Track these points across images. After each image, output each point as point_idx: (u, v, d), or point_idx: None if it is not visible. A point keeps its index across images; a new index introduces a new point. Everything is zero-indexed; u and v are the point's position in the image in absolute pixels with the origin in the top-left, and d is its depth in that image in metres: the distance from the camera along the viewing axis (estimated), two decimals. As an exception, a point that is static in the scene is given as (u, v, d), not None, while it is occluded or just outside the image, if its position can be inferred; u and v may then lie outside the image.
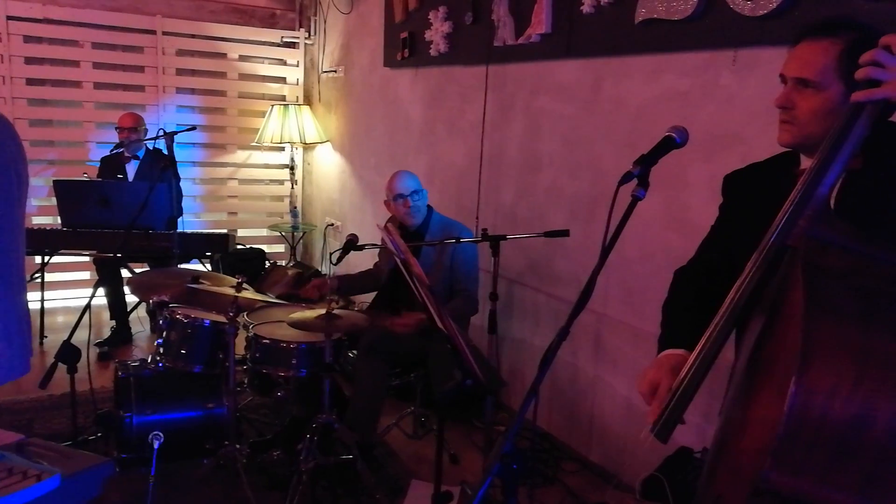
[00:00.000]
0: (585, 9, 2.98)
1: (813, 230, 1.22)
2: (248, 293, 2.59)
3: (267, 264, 5.61)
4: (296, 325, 2.55)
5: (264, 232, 6.10)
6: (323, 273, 5.68)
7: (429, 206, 3.23)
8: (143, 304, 4.64)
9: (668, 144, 1.39)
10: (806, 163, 1.48)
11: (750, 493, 1.09)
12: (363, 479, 2.71)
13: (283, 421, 3.22)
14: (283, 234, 5.92)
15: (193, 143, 5.61)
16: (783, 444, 1.03)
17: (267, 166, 6.06)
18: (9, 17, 4.90)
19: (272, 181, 6.15)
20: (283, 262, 5.93)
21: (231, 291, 2.57)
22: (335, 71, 5.56)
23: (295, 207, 5.95)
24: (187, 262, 4.45)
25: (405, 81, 4.62)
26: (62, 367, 2.56)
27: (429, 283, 1.74)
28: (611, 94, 3.01)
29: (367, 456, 2.87)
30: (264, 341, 2.75)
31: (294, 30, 5.95)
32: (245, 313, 2.92)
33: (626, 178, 1.31)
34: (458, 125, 4.10)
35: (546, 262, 3.40)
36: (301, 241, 6.13)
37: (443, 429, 2.17)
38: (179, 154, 4.95)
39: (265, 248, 5.89)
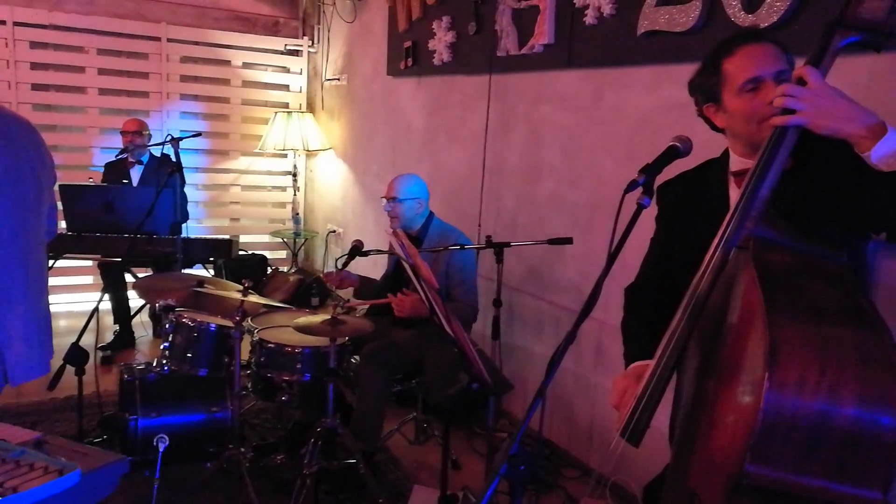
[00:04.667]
0: (588, 20, 3.03)
1: (758, 230, 1.29)
2: (254, 297, 2.62)
3: (269, 270, 5.64)
4: (301, 329, 2.57)
5: (266, 238, 6.13)
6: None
7: (430, 213, 3.26)
8: (146, 309, 4.67)
9: (673, 154, 1.43)
10: (738, 163, 1.54)
11: (728, 487, 1.14)
12: (366, 484, 2.73)
13: (286, 425, 3.25)
14: (285, 240, 5.95)
15: (196, 149, 5.65)
16: (760, 439, 1.09)
17: (269, 173, 6.10)
18: (15, 23, 4.94)
19: (274, 188, 6.19)
20: (285, 269, 5.95)
21: (237, 296, 2.60)
22: (338, 79, 5.61)
23: (297, 214, 5.98)
24: (190, 267, 4.47)
25: (408, 90, 4.67)
26: (68, 369, 2.59)
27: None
28: (612, 104, 3.06)
29: (370, 461, 2.89)
30: (269, 345, 2.78)
31: (297, 38, 6.00)
32: (250, 318, 2.95)
33: (631, 186, 1.35)
34: (459, 133, 4.14)
35: (547, 270, 3.43)
36: (303, 247, 6.16)
37: (448, 433, 2.20)
38: (183, 160, 4.99)
39: (267, 253, 5.92)
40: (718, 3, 2.46)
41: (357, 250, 2.76)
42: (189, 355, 2.72)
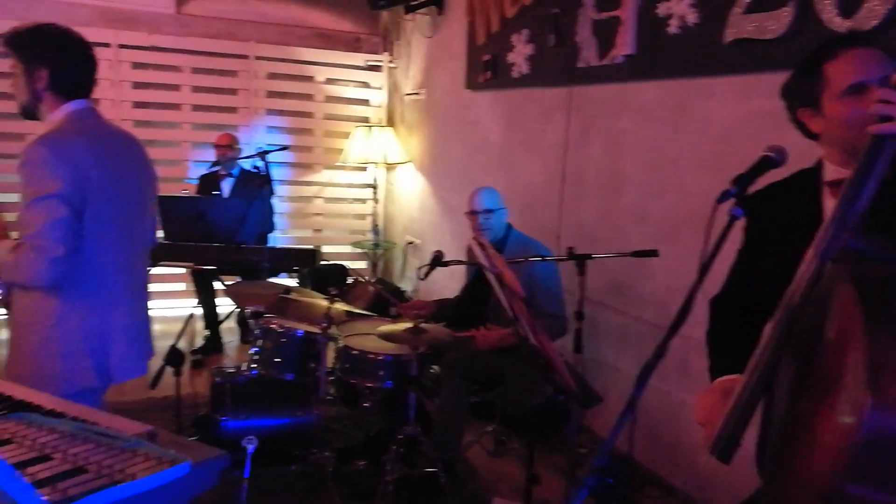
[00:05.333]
0: (671, 29, 2.99)
1: (855, 242, 1.24)
2: (341, 305, 2.70)
3: (349, 280, 5.78)
4: (384, 337, 2.63)
5: (347, 248, 6.29)
6: (403, 290, 5.81)
7: (508, 224, 3.27)
8: (234, 315, 4.87)
9: (767, 164, 1.40)
10: (834, 173, 1.48)
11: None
12: (445, 494, 2.76)
13: (366, 432, 3.31)
14: (365, 250, 6.08)
15: (282, 162, 5.87)
16: (859, 460, 1.06)
17: (350, 185, 6.27)
18: (120, 46, 5.28)
19: (355, 200, 6.35)
20: (365, 279, 6.09)
21: (324, 303, 2.68)
22: (417, 93, 5.71)
23: (376, 225, 6.11)
24: (275, 275, 4.64)
25: (485, 103, 4.71)
26: (167, 370, 2.73)
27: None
28: (696, 115, 3.00)
29: (450, 471, 2.91)
30: (353, 352, 2.86)
31: (378, 54, 6.16)
32: (334, 325, 3.04)
33: (723, 197, 1.33)
34: (537, 145, 4.14)
35: (629, 284, 3.38)
36: (382, 258, 6.28)
37: (533, 446, 2.20)
38: (266, 172, 5.20)
39: (347, 263, 6.07)
40: (812, 7, 2.38)
41: (438, 260, 2.80)
42: (277, 360, 2.83)
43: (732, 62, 2.73)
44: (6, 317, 2.10)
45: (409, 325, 2.68)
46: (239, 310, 4.80)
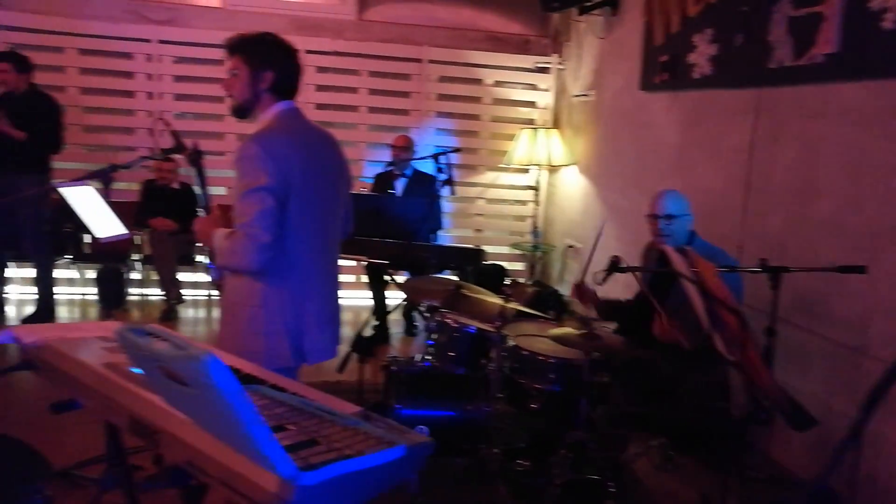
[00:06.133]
0: (887, 24, 2.73)
1: None
2: (515, 305, 2.73)
3: (506, 280, 5.82)
4: (557, 340, 2.63)
5: (505, 249, 6.34)
6: (561, 293, 5.76)
7: (692, 232, 3.14)
8: (400, 308, 5.08)
9: None
10: None
11: None
12: (611, 502, 2.70)
13: (529, 432, 3.32)
14: (524, 252, 6.10)
15: (447, 164, 6.01)
16: None
17: (512, 187, 6.32)
18: (307, 51, 5.68)
19: (516, 201, 6.39)
20: (523, 280, 6.11)
21: (496, 301, 2.73)
22: (586, 95, 5.64)
23: (537, 228, 6.11)
24: (439, 272, 4.78)
25: (660, 105, 4.55)
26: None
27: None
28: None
29: (617, 480, 2.85)
30: (523, 353, 2.87)
31: (546, 55, 6.15)
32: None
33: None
34: (717, 149, 3.94)
35: (820, 301, 3.13)
36: (540, 260, 6.27)
37: (706, 464, 2.10)
38: (438, 173, 5.36)
39: (505, 264, 6.13)
40: None
41: (616, 266, 2.74)
42: (451, 354, 2.91)
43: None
44: (219, 297, 2.33)
45: (584, 330, 2.65)
46: (405, 303, 5.00)
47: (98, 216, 2.46)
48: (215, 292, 5.73)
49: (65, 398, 1.68)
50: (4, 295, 5.12)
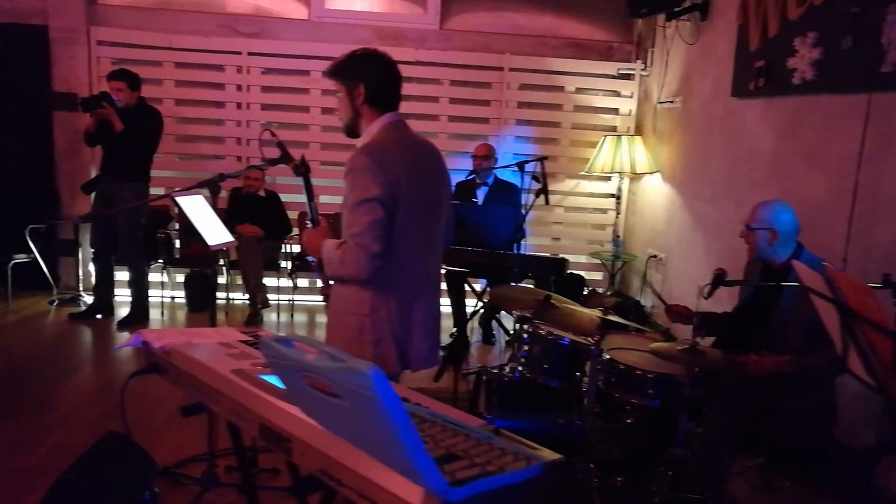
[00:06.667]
0: None
1: None
2: (615, 317, 2.67)
3: (585, 290, 5.73)
4: (658, 354, 2.56)
5: (583, 258, 6.24)
6: (643, 304, 5.64)
7: (798, 245, 3.00)
8: (477, 316, 5.06)
9: None
10: None
11: None
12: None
13: (621, 447, 3.24)
14: (604, 262, 5.99)
15: (526, 172, 5.97)
16: None
17: (592, 195, 6.22)
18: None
19: (595, 210, 6.29)
20: (601, 290, 6.01)
21: (596, 313, 2.68)
22: (672, 101, 5.51)
23: (618, 236, 6.00)
24: (518, 281, 4.74)
25: (754, 111, 4.40)
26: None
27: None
28: None
29: (717, 500, 2.75)
30: (619, 366, 2.81)
31: (630, 62, 6.04)
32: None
33: None
34: (819, 157, 3.77)
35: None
36: (620, 270, 6.14)
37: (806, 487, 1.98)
38: (517, 182, 5.33)
39: (583, 274, 6.04)
40: None
41: (720, 279, 2.65)
42: (545, 366, 2.87)
43: None
44: (323, 303, 2.37)
45: (685, 345, 2.57)
46: (483, 311, 4.98)
47: (208, 224, 2.54)
48: (298, 297, 5.86)
49: (192, 401, 1.73)
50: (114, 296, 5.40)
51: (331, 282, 2.28)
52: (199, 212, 2.51)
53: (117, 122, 4.69)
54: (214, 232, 2.55)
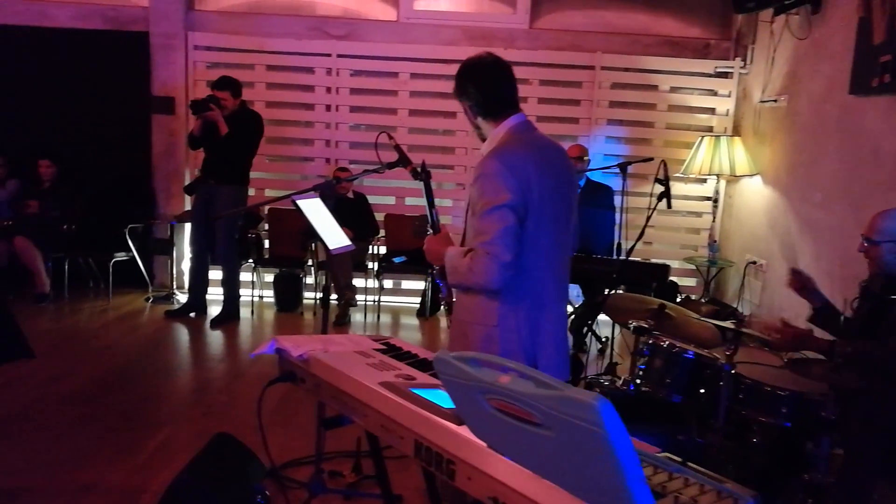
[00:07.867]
0: None
1: None
2: (748, 330, 2.51)
3: (678, 297, 5.51)
4: (796, 370, 2.38)
5: (676, 264, 6.01)
6: (741, 312, 5.37)
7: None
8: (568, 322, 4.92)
9: None
10: None
11: None
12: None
13: (738, 467, 3.06)
14: (698, 267, 5.75)
15: (617, 173, 5.80)
16: None
17: (686, 198, 5.98)
18: (479, 62, 5.67)
19: (689, 213, 6.05)
20: (695, 297, 5.77)
21: (726, 324, 2.52)
22: (775, 100, 5.23)
23: (714, 241, 5.74)
24: (617, 287, 4.58)
25: (877, 110, 4.11)
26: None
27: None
28: None
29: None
30: (746, 381, 2.64)
31: (728, 59, 5.78)
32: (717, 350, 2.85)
33: None
34: (956, 160, 3.49)
35: None
36: (716, 276, 5.89)
37: None
38: (607, 183, 5.18)
39: (676, 279, 5.81)
40: None
41: (869, 292, 2.45)
42: (667, 380, 2.73)
43: None
44: (448, 315, 2.29)
45: (821, 358, 2.39)
46: (575, 318, 4.84)
47: (327, 227, 2.51)
48: (385, 298, 5.85)
49: (333, 414, 1.68)
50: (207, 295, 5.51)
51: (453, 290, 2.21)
52: (318, 215, 2.48)
53: (223, 126, 4.78)
54: (334, 236, 2.51)
